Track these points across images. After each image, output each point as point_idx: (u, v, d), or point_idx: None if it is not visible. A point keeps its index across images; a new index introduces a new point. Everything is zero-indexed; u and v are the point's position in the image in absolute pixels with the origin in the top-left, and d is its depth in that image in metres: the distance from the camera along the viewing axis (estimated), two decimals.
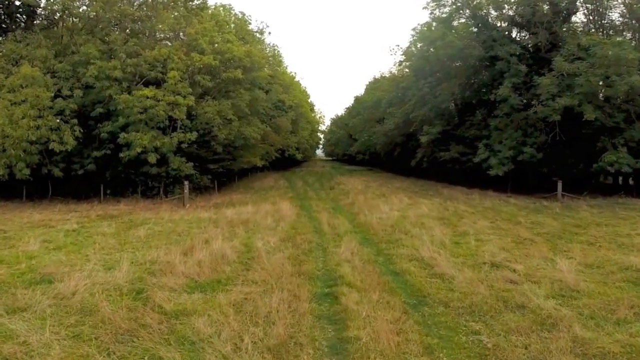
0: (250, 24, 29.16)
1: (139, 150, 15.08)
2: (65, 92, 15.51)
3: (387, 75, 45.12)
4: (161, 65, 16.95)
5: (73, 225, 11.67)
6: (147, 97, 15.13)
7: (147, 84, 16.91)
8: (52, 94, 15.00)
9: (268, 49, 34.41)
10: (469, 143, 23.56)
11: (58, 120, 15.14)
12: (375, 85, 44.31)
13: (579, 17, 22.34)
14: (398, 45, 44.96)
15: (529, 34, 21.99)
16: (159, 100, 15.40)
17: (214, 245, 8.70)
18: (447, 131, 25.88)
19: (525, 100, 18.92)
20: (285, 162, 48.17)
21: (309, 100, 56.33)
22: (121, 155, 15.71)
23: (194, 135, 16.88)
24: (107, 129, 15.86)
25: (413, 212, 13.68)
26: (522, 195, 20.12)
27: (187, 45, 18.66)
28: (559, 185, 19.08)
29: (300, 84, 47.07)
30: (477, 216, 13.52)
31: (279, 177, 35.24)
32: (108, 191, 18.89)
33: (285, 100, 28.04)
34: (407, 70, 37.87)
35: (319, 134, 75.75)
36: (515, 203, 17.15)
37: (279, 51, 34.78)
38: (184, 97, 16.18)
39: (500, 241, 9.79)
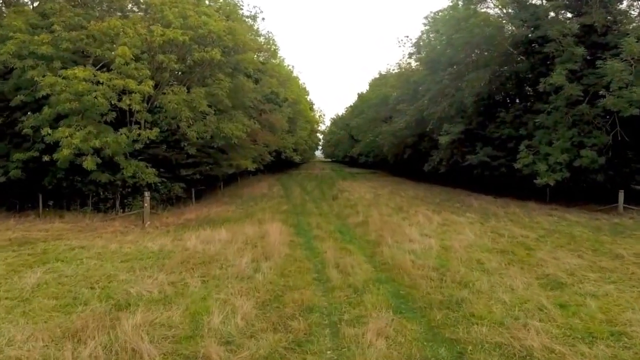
0: (241, 9, 25.18)
1: (67, 151, 10.92)
2: None
3: (394, 71, 41.18)
4: (111, 42, 12.84)
5: None
6: (82, 80, 10.94)
7: (101, 68, 12.89)
8: None
9: (262, 38, 30.40)
10: (499, 145, 19.48)
11: None
12: (380, 82, 40.31)
13: None
14: (407, 37, 41.10)
15: (575, 15, 17.91)
16: (98, 84, 11.28)
17: (126, 325, 4.64)
18: (471, 130, 21.83)
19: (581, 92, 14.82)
20: (281, 165, 44.07)
21: (308, 99, 52.30)
22: (55, 157, 11.54)
23: (154, 133, 12.74)
24: (30, 123, 11.71)
25: (456, 240, 9.57)
26: (569, 207, 16.10)
27: (151, 20, 14.56)
28: (621, 195, 15.12)
29: (299, 80, 43.07)
30: (547, 245, 9.45)
31: (273, 182, 31.10)
32: (50, 202, 14.77)
33: (279, 93, 23.80)
34: (417, 64, 33.94)
35: (318, 134, 71.67)
36: (576, 220, 13.09)
37: (274, 40, 30.76)
38: (140, 82, 12.08)
39: (629, 296, 5.87)
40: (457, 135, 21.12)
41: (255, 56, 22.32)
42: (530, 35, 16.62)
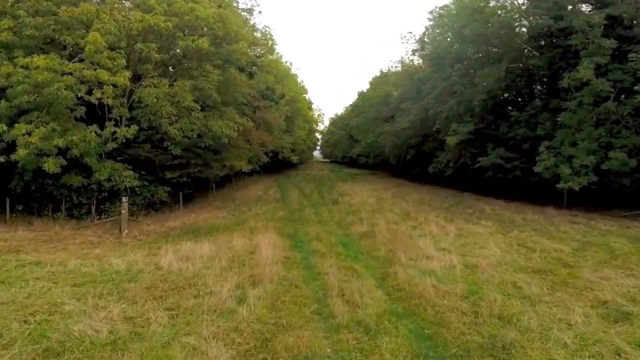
0: (237, 1, 23.73)
1: (24, 152, 9.38)
2: None
3: (396, 69, 39.82)
4: (85, 29, 11.33)
5: None
6: (43, 69, 9.40)
7: (78, 61, 11.37)
8: None
9: (258, 33, 28.94)
10: (513, 146, 18.05)
11: None
12: (382, 80, 38.92)
13: None
14: (411, 33, 39.54)
15: (598, 7, 16.50)
16: (65, 75, 9.77)
17: None
18: (481, 130, 20.42)
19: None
20: (279, 165, 42.60)
21: (307, 97, 50.84)
22: (13, 158, 10.00)
23: (131, 131, 11.21)
24: None
25: (480, 257, 8.13)
26: (590, 212, 14.71)
27: (132, 5, 13.08)
28: None
29: (297, 77, 41.57)
30: (587, 261, 8.02)
31: (270, 184, 29.63)
32: (20, 207, 13.27)
33: (276, 89, 22.22)
34: (420, 60, 32.62)
35: (316, 134, 70.22)
36: (606, 229, 11.68)
37: (271, 35, 29.28)
38: (115, 72, 10.58)
39: None
40: (466, 136, 19.71)
41: (250, 50, 20.91)
42: (552, 26, 15.18)
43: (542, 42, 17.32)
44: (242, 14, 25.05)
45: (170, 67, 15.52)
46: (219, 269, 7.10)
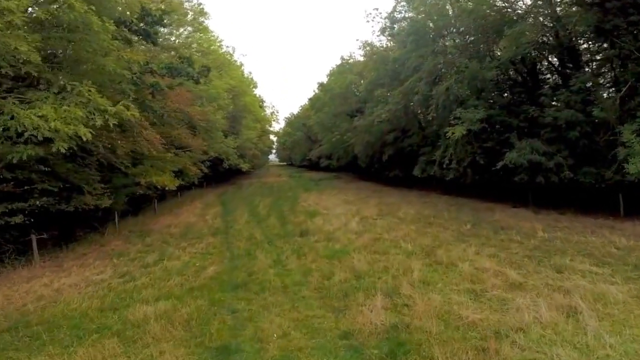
0: None
1: None
2: None
3: (360, 53, 34.30)
4: None
5: None
6: None
7: None
8: None
9: (186, 4, 21.93)
10: (553, 137, 12.74)
11: None
12: (344, 68, 33.17)
13: None
14: (377, 9, 34.17)
15: None
16: None
17: None
18: (494, 117, 15.08)
19: None
20: (228, 174, 35.49)
21: (257, 94, 43.94)
22: None
23: None
24: None
25: None
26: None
27: None
28: None
29: (242, 68, 34.38)
30: None
31: (213, 201, 22.70)
32: None
33: (196, 60, 14.74)
34: (391, 41, 27.19)
35: (271, 136, 63.36)
36: None
37: (202, 8, 22.31)
38: None
39: None
40: (476, 125, 14.28)
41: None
42: None
43: None
44: None
45: None
46: None
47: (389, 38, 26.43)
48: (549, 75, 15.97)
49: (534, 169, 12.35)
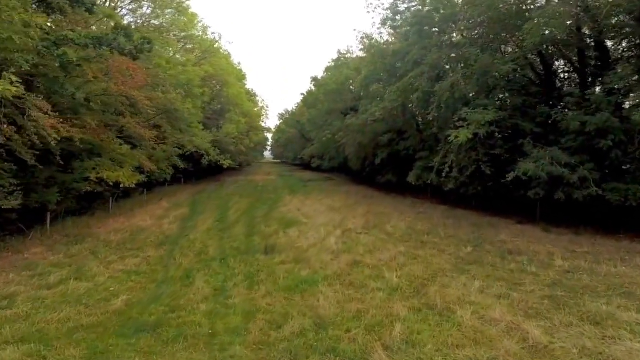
0: None
1: None
2: None
3: (358, 47, 32.09)
4: None
5: None
6: None
7: None
8: None
9: None
10: (576, 147, 10.58)
11: None
12: (340, 63, 30.94)
13: None
14: None
15: None
16: None
17: None
18: (503, 120, 12.91)
19: None
20: (211, 171, 33.15)
21: (246, 86, 41.45)
22: None
23: None
24: None
25: None
26: None
27: None
28: None
29: (229, 56, 31.79)
30: None
31: (184, 200, 20.42)
32: None
33: (142, 33, 12.12)
34: (392, 35, 24.99)
35: (266, 133, 60.92)
36: None
37: None
38: None
39: None
40: (484, 129, 12.09)
41: None
42: None
43: None
44: None
45: None
46: None
47: (390, 31, 24.24)
48: (567, 75, 13.84)
49: (554, 183, 10.18)
